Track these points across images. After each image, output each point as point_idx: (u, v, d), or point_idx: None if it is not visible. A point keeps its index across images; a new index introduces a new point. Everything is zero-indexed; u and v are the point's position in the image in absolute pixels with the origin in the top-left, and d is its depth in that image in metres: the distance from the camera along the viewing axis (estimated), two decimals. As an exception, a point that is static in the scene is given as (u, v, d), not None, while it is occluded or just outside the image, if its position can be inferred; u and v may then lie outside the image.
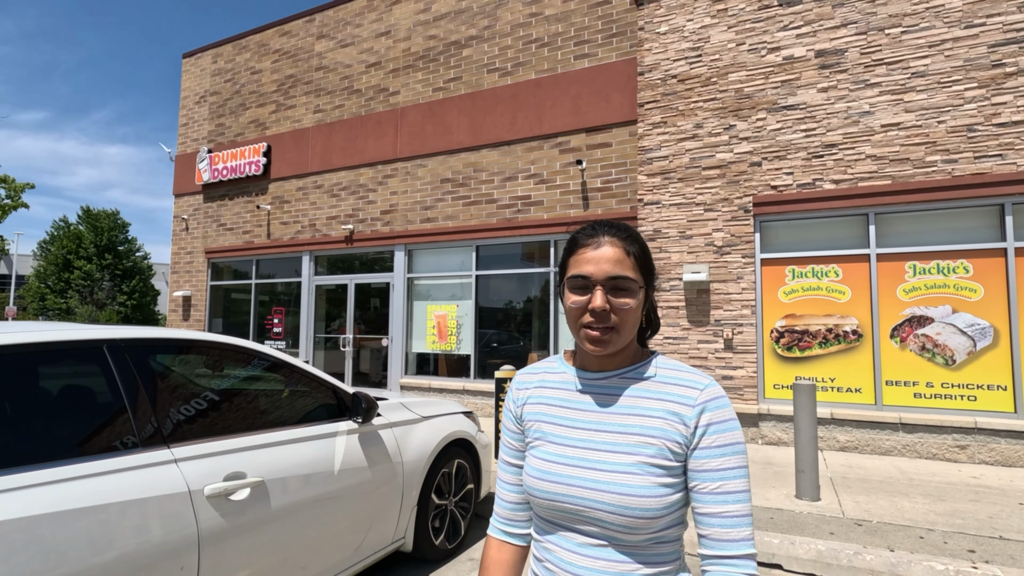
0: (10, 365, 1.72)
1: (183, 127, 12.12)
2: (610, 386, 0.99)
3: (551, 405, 1.03)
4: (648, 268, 0.99)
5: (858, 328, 6.01)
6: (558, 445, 0.97)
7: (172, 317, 11.71)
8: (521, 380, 1.11)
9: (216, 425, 2.19)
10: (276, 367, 2.61)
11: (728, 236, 6.52)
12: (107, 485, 1.74)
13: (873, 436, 5.76)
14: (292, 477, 2.33)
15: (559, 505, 0.94)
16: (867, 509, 4.15)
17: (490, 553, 1.08)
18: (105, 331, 2.00)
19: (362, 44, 9.76)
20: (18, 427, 1.67)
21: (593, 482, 0.91)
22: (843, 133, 6.09)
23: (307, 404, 2.68)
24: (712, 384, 0.96)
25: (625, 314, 0.93)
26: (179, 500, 1.90)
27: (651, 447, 0.91)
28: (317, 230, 9.97)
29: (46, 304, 30.45)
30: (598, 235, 0.97)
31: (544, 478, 0.95)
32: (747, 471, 0.92)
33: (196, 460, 2.02)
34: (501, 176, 8.27)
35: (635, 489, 0.88)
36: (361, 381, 9.45)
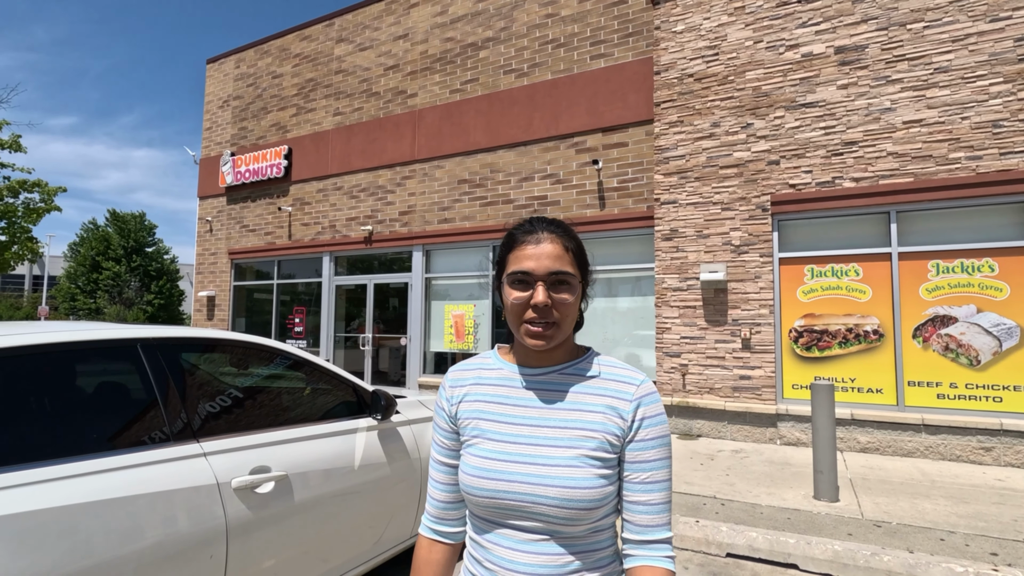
0: (50, 363, 1.83)
1: (207, 131, 12.40)
2: (550, 382, 1.00)
3: (489, 402, 1.02)
4: (584, 264, 1.01)
5: (879, 328, 5.93)
6: (498, 442, 0.97)
7: (197, 317, 12.00)
8: (455, 377, 1.09)
9: (242, 421, 2.28)
10: (298, 365, 2.70)
11: (746, 235, 6.48)
12: (140, 477, 1.84)
13: (895, 437, 5.68)
14: (314, 472, 2.41)
15: (499, 502, 0.94)
16: (887, 511, 4.11)
17: (421, 553, 1.08)
18: (138, 331, 2.10)
19: (380, 47, 9.89)
20: (57, 421, 1.77)
21: (537, 477, 0.92)
22: (863, 130, 6.01)
23: (328, 401, 2.76)
24: (646, 381, 1.00)
25: (565, 308, 0.95)
26: (208, 492, 1.99)
27: (592, 440, 0.93)
28: (337, 231, 10.13)
29: (76, 304, 31.34)
30: (537, 231, 0.98)
31: (483, 475, 0.95)
32: (671, 461, 0.97)
33: (223, 454, 2.11)
34: (518, 176, 8.32)
35: (578, 481, 0.90)
36: (380, 380, 9.59)
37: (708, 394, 6.56)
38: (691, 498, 4.39)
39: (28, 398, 1.77)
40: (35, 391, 1.79)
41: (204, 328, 2.43)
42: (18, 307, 37.19)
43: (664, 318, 6.89)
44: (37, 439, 1.70)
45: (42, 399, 1.80)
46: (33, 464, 1.64)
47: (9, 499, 1.54)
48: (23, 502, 1.56)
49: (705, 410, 6.53)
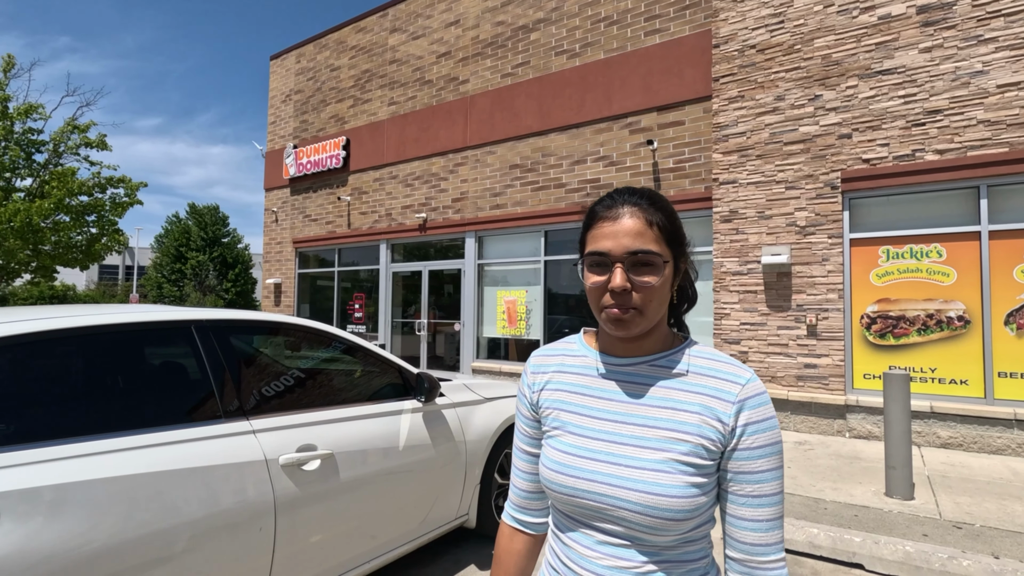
0: (114, 342, 1.95)
1: (271, 125, 12.95)
2: (638, 374, 0.90)
3: (571, 392, 0.94)
4: (676, 238, 0.89)
5: (965, 313, 5.43)
6: (579, 436, 0.90)
7: (265, 303, 12.65)
8: (537, 363, 1.02)
9: (289, 400, 2.36)
10: (345, 347, 2.76)
11: (812, 215, 6.09)
12: (193, 451, 1.93)
13: (981, 433, 5.21)
14: (359, 451, 2.46)
15: (579, 501, 0.87)
16: (969, 511, 3.78)
17: (502, 542, 1.03)
18: (192, 312, 2.21)
19: (432, 35, 9.94)
20: (119, 396, 1.89)
21: (618, 479, 0.84)
22: (949, 97, 5.47)
23: (374, 383, 2.82)
24: (753, 379, 0.87)
25: (649, 293, 0.84)
26: (257, 467, 2.07)
27: (684, 444, 0.84)
28: (393, 219, 10.35)
29: (163, 292, 33.86)
30: (617, 205, 0.87)
31: (563, 471, 0.88)
32: (783, 472, 0.86)
33: (272, 432, 2.19)
34: (570, 160, 8.17)
35: (665, 488, 0.81)
36: (436, 364, 9.78)
37: (769, 383, 6.25)
38: (748, 490, 4.21)
39: (95, 374, 1.89)
40: (101, 368, 1.91)
41: (257, 311, 2.52)
42: (113, 295, 40.62)
43: (723, 303, 6.60)
44: (100, 413, 1.81)
45: (107, 375, 1.92)
46: (95, 436, 1.76)
47: (75, 468, 1.66)
48: (88, 471, 1.67)
49: (766, 400, 6.22)
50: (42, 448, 1.63)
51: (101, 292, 40.67)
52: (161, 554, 1.77)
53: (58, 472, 1.61)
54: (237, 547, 1.97)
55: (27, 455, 1.59)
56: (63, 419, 1.72)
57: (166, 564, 1.78)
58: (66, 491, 1.61)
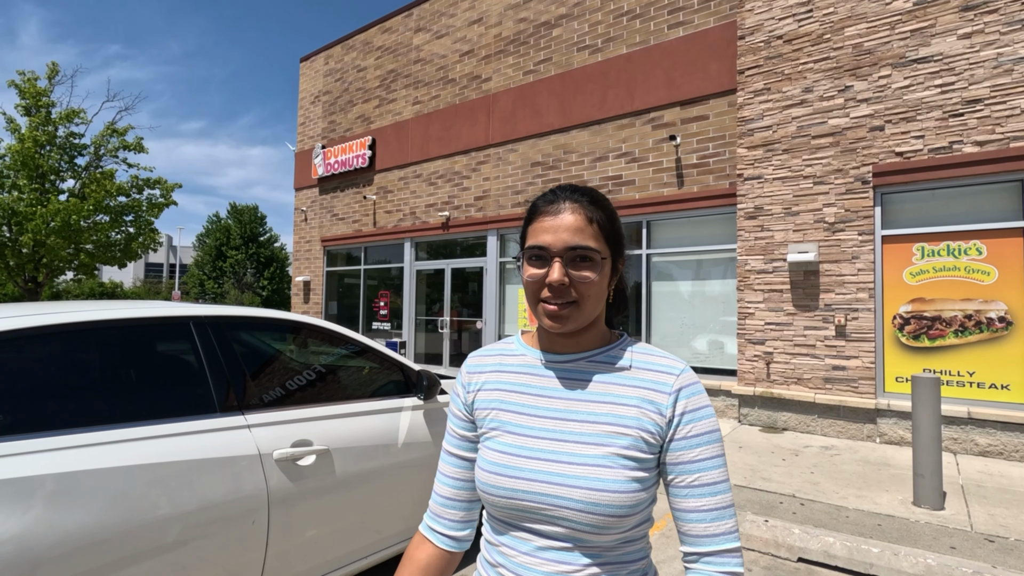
0: (112, 337, 2.00)
1: (301, 126, 13.22)
2: (577, 370, 0.89)
3: (509, 391, 0.92)
4: (615, 237, 0.89)
5: (1007, 315, 5.13)
6: (518, 435, 0.87)
7: (295, 300, 12.94)
8: (474, 363, 0.99)
9: (286, 396, 2.39)
10: (344, 344, 2.78)
11: (842, 211, 5.85)
12: (188, 444, 1.97)
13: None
14: (356, 447, 2.48)
15: (517, 503, 0.84)
16: (1004, 524, 3.57)
17: (409, 549, 0.98)
18: (191, 308, 2.26)
19: (456, 33, 9.97)
20: (115, 390, 1.95)
21: (560, 476, 0.81)
22: (991, 85, 5.17)
23: (375, 380, 2.83)
24: (686, 369, 0.88)
25: (586, 288, 0.84)
26: (251, 462, 2.11)
27: (625, 437, 0.82)
28: (417, 217, 10.44)
29: (204, 289, 35.08)
30: (558, 201, 0.87)
31: (501, 472, 0.85)
32: (724, 460, 0.85)
33: (267, 427, 2.22)
34: (591, 157, 8.08)
35: (607, 483, 0.80)
36: (459, 362, 9.82)
37: (795, 385, 6.05)
38: (766, 495, 4.08)
39: (95, 367, 1.95)
40: (96, 362, 1.97)
41: (256, 308, 2.56)
42: (157, 292, 42.32)
43: (747, 303, 6.42)
44: (93, 405, 1.87)
45: (103, 369, 1.98)
46: (86, 428, 1.81)
47: (67, 459, 1.71)
48: (80, 462, 1.73)
49: (792, 402, 6.03)
50: (34, 439, 1.69)
51: (146, 289, 42.41)
52: (153, 545, 1.82)
53: (49, 463, 1.67)
54: (230, 540, 2.01)
55: (19, 446, 1.65)
56: (55, 411, 1.78)
57: (158, 555, 1.82)
58: (58, 482, 1.66)
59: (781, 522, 3.42)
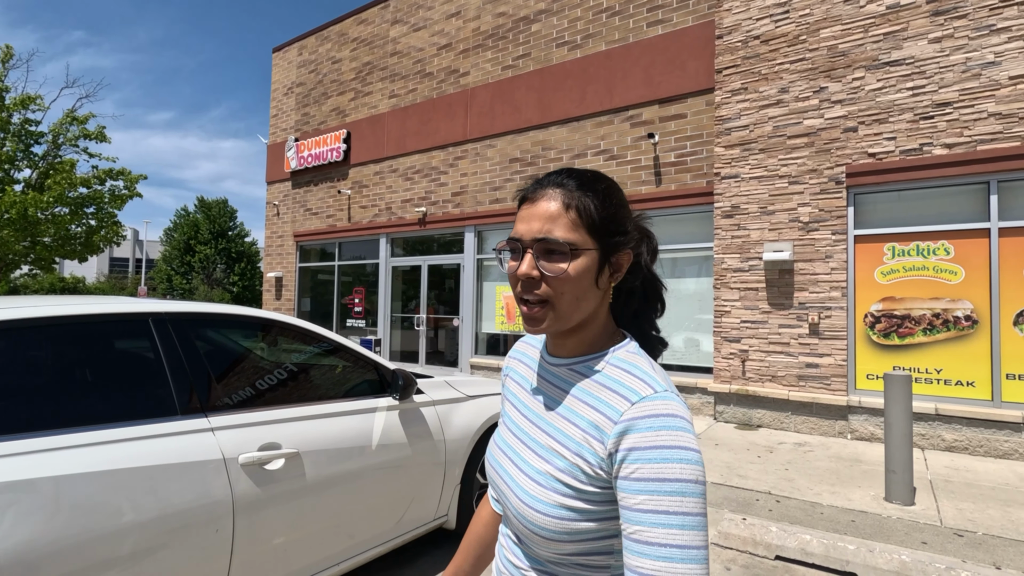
0: (64, 335, 1.86)
1: (274, 118, 12.89)
2: (558, 376, 0.83)
3: (516, 384, 0.93)
4: (605, 227, 0.77)
5: (973, 313, 5.26)
6: (506, 430, 0.89)
7: (266, 297, 12.63)
8: (512, 351, 1.01)
9: (253, 397, 2.27)
10: (315, 342, 2.67)
11: (816, 211, 5.93)
12: (145, 449, 1.85)
13: (988, 436, 5.05)
14: (327, 450, 2.37)
15: (496, 492, 0.88)
16: (971, 518, 3.64)
17: (478, 508, 1.09)
18: (150, 304, 2.12)
19: (433, 26, 9.82)
20: (66, 391, 1.81)
21: (511, 479, 0.81)
22: (959, 89, 5.29)
23: (348, 380, 2.73)
24: (654, 396, 0.70)
25: (559, 284, 0.74)
26: (214, 467, 1.99)
27: (562, 460, 0.74)
28: (393, 213, 10.27)
29: (172, 284, 34.09)
30: (543, 186, 0.78)
31: (489, 460, 0.90)
32: (690, 521, 0.63)
33: (232, 430, 2.10)
34: (570, 153, 8.04)
35: (535, 502, 0.74)
36: (435, 360, 9.71)
37: (770, 382, 6.11)
38: (743, 493, 4.09)
39: (42, 368, 1.81)
40: (48, 361, 1.83)
41: (222, 304, 2.44)
42: (123, 287, 40.99)
43: (723, 301, 6.46)
44: (45, 408, 1.73)
45: (55, 369, 1.84)
46: (39, 433, 1.67)
47: (11, 467, 1.57)
48: (27, 470, 1.59)
49: (766, 399, 6.10)
50: (-27, 446, 1.55)
51: (111, 284, 41.03)
52: (108, 557, 1.69)
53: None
54: (192, 550, 1.89)
55: (-44, 453, 1.51)
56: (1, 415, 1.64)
57: (113, 568, 1.70)
58: (2, 492, 1.53)
59: (758, 520, 3.42)
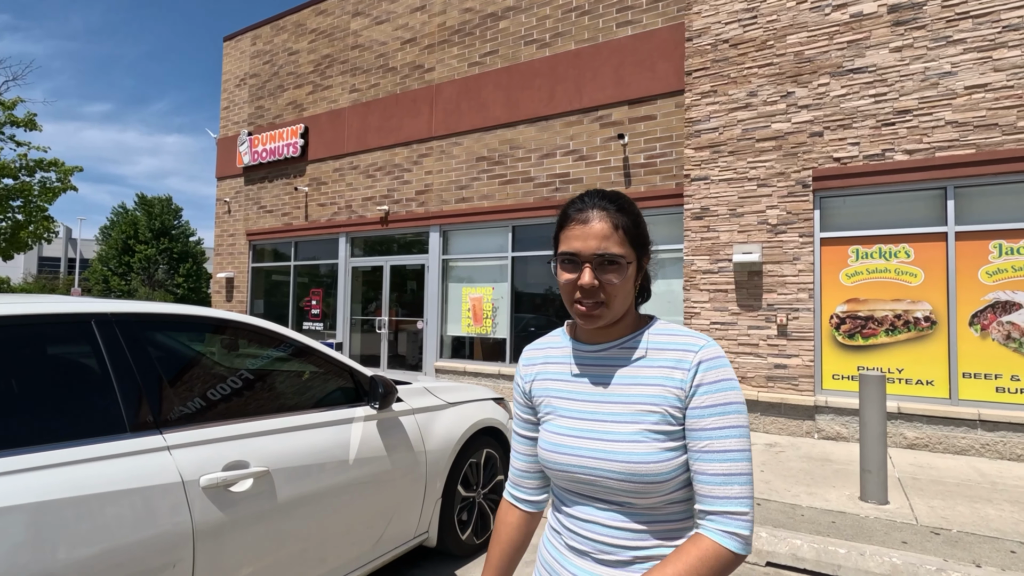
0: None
1: (224, 111, 12.24)
2: (610, 357, 1.00)
3: (558, 380, 1.04)
4: (640, 240, 0.98)
5: (931, 314, 5.44)
6: (567, 418, 0.99)
7: (216, 299, 11.96)
8: (528, 357, 1.13)
9: (217, 410, 2.00)
10: (285, 346, 2.41)
11: (784, 213, 6.01)
12: (87, 474, 1.57)
13: (947, 433, 5.22)
14: (301, 466, 2.13)
15: (573, 475, 0.96)
16: (944, 516, 3.70)
17: (499, 514, 1.15)
18: (94, 304, 1.83)
19: (397, 20, 9.52)
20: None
21: (603, 452, 0.93)
22: (919, 97, 5.46)
23: (320, 388, 2.48)
24: (707, 345, 0.94)
25: (613, 289, 0.94)
26: (171, 491, 1.72)
27: (653, 415, 0.92)
28: (353, 211, 9.89)
29: (110, 286, 32.07)
30: (587, 209, 0.95)
31: (557, 451, 0.98)
32: (742, 431, 0.89)
33: (192, 447, 1.83)
34: (538, 153, 7.93)
35: (642, 456, 0.90)
36: (397, 364, 9.39)
37: (740, 383, 6.14)
38: (723, 496, 4.04)
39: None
40: (-36, 373, 1.53)
41: (177, 304, 2.15)
42: (53, 288, 38.29)
43: (693, 302, 6.48)
44: (-41, 429, 1.44)
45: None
46: (-49, 459, 1.38)
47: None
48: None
49: (736, 400, 6.12)
50: None
51: (40, 285, 38.31)
52: (38, 605, 1.41)
53: None
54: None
55: None
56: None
57: (45, 617, 1.42)
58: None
59: (745, 525, 3.36)
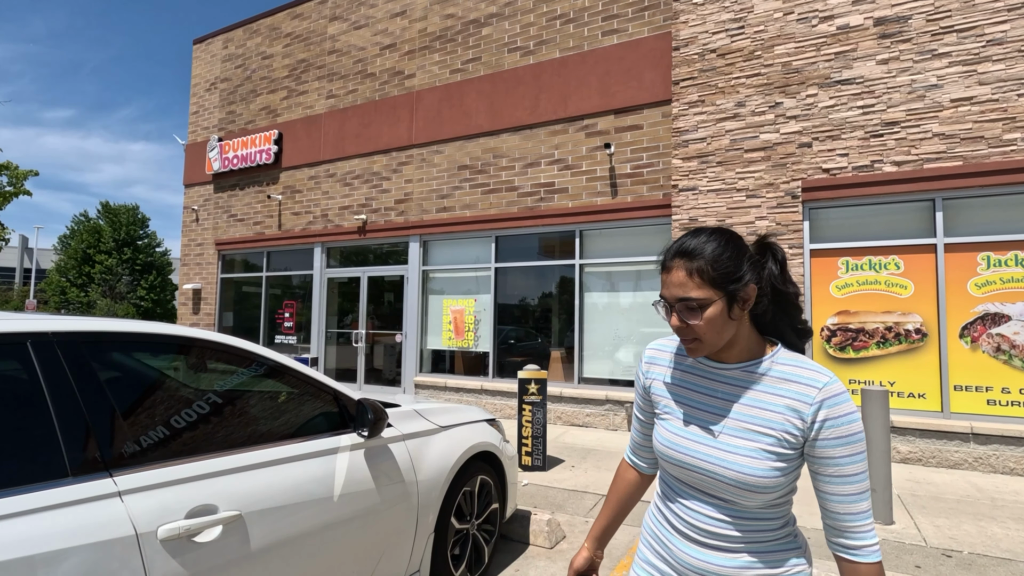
0: None
1: (194, 115, 11.79)
2: (733, 378, 1.09)
3: (679, 386, 1.16)
4: (721, 278, 1.02)
5: (922, 326, 5.40)
6: (684, 422, 1.11)
7: (182, 311, 11.41)
8: (651, 355, 1.24)
9: (179, 445, 1.72)
10: (259, 367, 2.13)
11: (773, 225, 5.94)
12: (16, 531, 1.28)
13: (940, 447, 5.16)
14: (278, 507, 1.85)
15: (686, 471, 1.09)
16: (952, 536, 3.58)
17: (620, 469, 1.37)
18: (31, 321, 1.54)
19: (376, 25, 9.29)
20: None
21: (717, 460, 1.04)
22: (906, 109, 5.47)
23: (300, 414, 2.20)
24: (831, 381, 1.02)
25: (699, 328, 1.03)
26: (122, 547, 1.43)
27: (770, 437, 1.02)
28: (329, 220, 9.55)
29: (68, 298, 30.66)
30: (668, 259, 1.07)
31: (672, 448, 1.11)
32: (864, 455, 1.00)
33: (149, 491, 1.55)
34: (522, 162, 7.75)
35: (754, 471, 1.01)
36: (374, 379, 9.03)
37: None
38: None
39: None
40: None
41: (130, 321, 1.86)
42: (7, 300, 36.48)
43: (682, 315, 6.34)
44: None
45: None
46: None
47: None
48: None
49: (727, 415, 5.99)
50: None
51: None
52: None
53: None
54: (84, 670, 1.32)
55: None
56: None
57: None
58: None
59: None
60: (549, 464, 5.18)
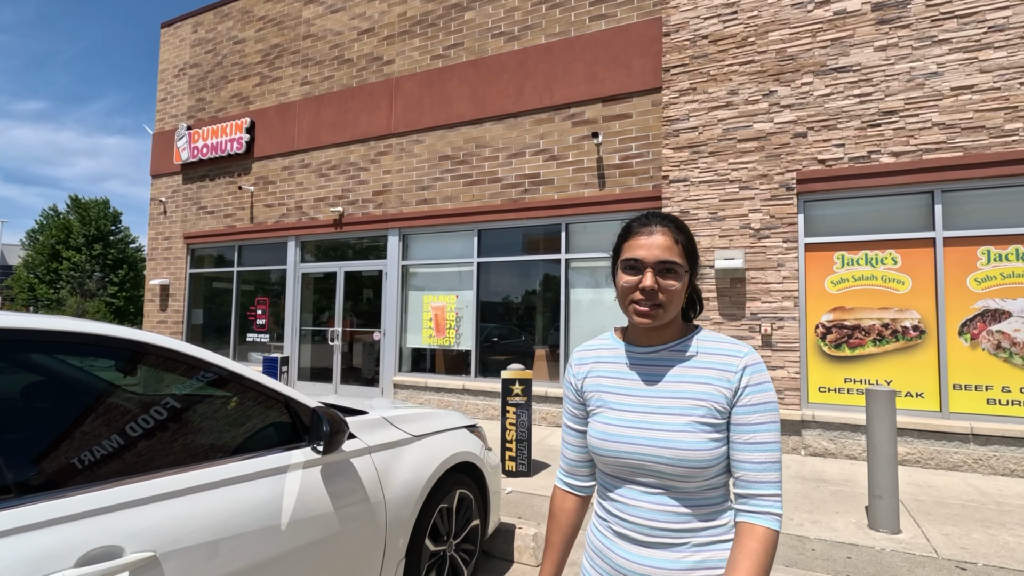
0: None
1: (161, 102, 11.24)
2: (661, 358, 1.14)
3: (609, 377, 1.19)
4: (693, 256, 1.13)
5: (920, 323, 5.21)
6: (618, 411, 1.14)
7: (149, 308, 10.88)
8: (579, 357, 1.27)
9: (79, 469, 1.37)
10: (189, 369, 1.79)
11: (767, 217, 5.71)
12: None
13: (938, 448, 4.98)
14: (207, 543, 1.52)
15: (623, 461, 1.10)
16: (963, 546, 3.36)
17: (555, 502, 1.30)
18: None
19: (353, 9, 8.88)
20: None
21: (653, 440, 1.07)
22: (905, 98, 5.27)
23: (245, 426, 1.86)
24: (750, 352, 1.10)
25: (671, 294, 1.08)
26: (-19, 610, 1.09)
27: (701, 408, 1.07)
28: (304, 213, 9.13)
29: (36, 295, 29.57)
30: (651, 224, 1.12)
31: (608, 439, 1.12)
32: (777, 425, 1.06)
33: (32, 532, 1.21)
34: (506, 152, 7.43)
35: (689, 444, 1.04)
36: (352, 378, 8.65)
37: (723, 397, 5.78)
38: (723, 529, 3.59)
39: None
40: None
41: (49, 317, 1.50)
42: (-30, 297, 35.09)
43: (672, 311, 6.08)
44: None
45: None
46: None
47: None
48: None
49: (719, 416, 5.75)
50: None
51: (-45, 294, 35.08)
52: None
53: None
54: None
55: None
56: None
57: None
58: None
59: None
60: (534, 469, 4.88)
